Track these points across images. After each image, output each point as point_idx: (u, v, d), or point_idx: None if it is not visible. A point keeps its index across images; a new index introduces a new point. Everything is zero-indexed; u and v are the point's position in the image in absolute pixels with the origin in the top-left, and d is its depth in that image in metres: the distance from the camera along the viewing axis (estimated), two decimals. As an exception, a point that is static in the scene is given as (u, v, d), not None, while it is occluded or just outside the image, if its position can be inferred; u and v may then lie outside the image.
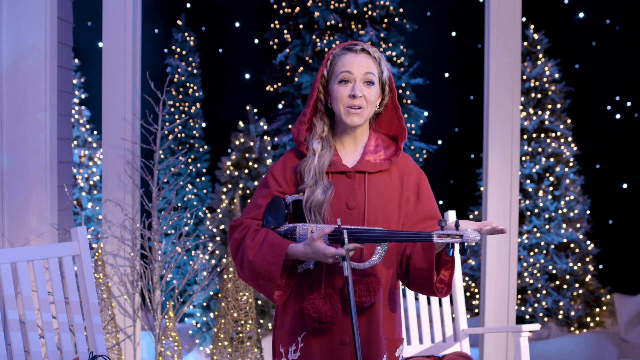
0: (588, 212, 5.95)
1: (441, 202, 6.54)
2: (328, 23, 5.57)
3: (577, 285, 5.55)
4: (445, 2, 6.61)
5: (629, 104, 6.21)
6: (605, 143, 6.28)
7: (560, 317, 5.47)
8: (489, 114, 3.76)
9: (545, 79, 5.73)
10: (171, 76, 6.34)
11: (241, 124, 5.04)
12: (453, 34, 6.67)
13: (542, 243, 5.56)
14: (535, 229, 5.55)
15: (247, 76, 6.65)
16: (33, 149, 3.34)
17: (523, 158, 5.65)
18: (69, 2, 3.64)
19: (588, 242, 5.81)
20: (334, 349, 2.02)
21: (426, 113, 6.03)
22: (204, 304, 5.07)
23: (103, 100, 3.69)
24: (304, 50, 5.68)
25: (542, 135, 5.69)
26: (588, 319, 5.52)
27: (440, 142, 6.67)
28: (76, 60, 6.37)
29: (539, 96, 5.73)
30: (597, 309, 5.63)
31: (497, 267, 3.77)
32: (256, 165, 5.01)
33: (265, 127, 5.06)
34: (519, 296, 5.51)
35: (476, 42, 6.48)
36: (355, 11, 5.67)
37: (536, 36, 5.77)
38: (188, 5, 6.68)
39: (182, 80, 6.36)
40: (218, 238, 4.89)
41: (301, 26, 5.75)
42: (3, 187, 3.33)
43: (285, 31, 5.84)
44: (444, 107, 6.66)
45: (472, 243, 1.79)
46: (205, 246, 4.92)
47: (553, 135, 5.69)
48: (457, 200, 6.51)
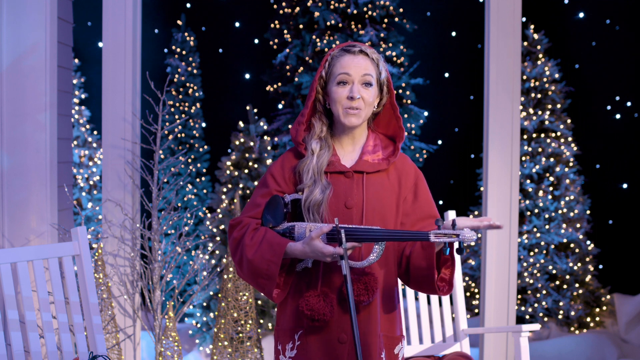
0: (588, 212, 5.95)
1: (441, 202, 6.53)
2: (328, 23, 5.56)
3: (577, 285, 5.55)
4: (445, 2, 6.61)
5: (629, 104, 6.21)
6: (605, 143, 6.28)
7: (560, 317, 5.46)
8: (489, 114, 3.76)
9: (545, 79, 5.73)
10: (171, 76, 6.34)
11: (241, 124, 5.04)
12: (453, 34, 6.67)
13: (542, 243, 5.56)
14: (535, 229, 5.55)
15: (247, 76, 6.65)
16: (33, 149, 3.34)
17: (523, 158, 5.65)
18: (69, 2, 3.64)
19: (588, 242, 5.81)
20: (331, 348, 2.03)
21: (426, 113, 6.03)
22: (204, 304, 5.07)
23: (103, 100, 3.69)
24: (304, 50, 5.68)
25: (542, 135, 5.69)
26: (588, 319, 5.52)
27: (440, 142, 6.67)
28: (76, 60, 6.37)
29: (539, 96, 5.73)
30: (597, 309, 5.63)
31: (497, 267, 3.77)
32: (256, 165, 5.01)
33: (265, 127, 5.06)
34: (519, 296, 5.51)
35: (476, 42, 6.48)
36: (355, 11, 5.67)
37: (536, 36, 5.77)
38: (188, 5, 6.68)
39: (182, 80, 6.36)
40: (218, 238, 4.89)
41: (301, 26, 5.74)
42: (3, 187, 3.33)
43: (285, 31, 5.84)
44: (444, 107, 6.66)
45: (469, 242, 1.80)
46: (205, 246, 4.92)
47: (553, 135, 5.69)
48: (457, 200, 6.51)
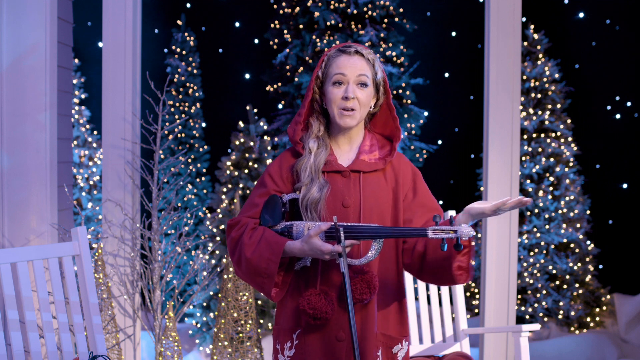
0: (588, 212, 5.95)
1: (441, 202, 6.53)
2: (328, 23, 5.56)
3: (577, 285, 5.55)
4: (445, 2, 6.61)
5: (629, 104, 6.21)
6: (605, 143, 6.28)
7: (560, 317, 5.46)
8: (489, 114, 3.76)
9: (545, 79, 5.73)
10: (171, 76, 6.34)
11: (241, 124, 5.04)
12: (453, 34, 6.67)
13: (542, 243, 5.56)
14: (535, 229, 5.55)
15: (247, 76, 6.64)
16: (33, 149, 3.34)
17: (523, 158, 5.65)
18: (69, 2, 3.64)
19: (588, 242, 5.81)
20: (329, 346, 2.03)
21: (426, 113, 6.03)
22: (204, 304, 5.06)
23: (103, 100, 3.69)
24: (304, 50, 5.68)
25: (542, 135, 5.69)
26: (588, 319, 5.52)
27: (440, 142, 6.67)
28: (76, 60, 6.37)
29: (539, 96, 5.73)
30: (597, 309, 5.63)
31: (497, 267, 3.77)
32: (256, 165, 5.01)
33: (265, 127, 5.06)
34: (519, 296, 5.51)
35: (476, 42, 6.48)
36: (355, 11, 5.67)
37: (536, 36, 5.77)
38: (188, 5, 6.68)
39: (182, 80, 6.36)
40: (218, 238, 4.89)
41: (301, 26, 5.74)
42: (3, 187, 3.33)
43: (285, 31, 5.84)
44: (444, 107, 6.66)
45: (466, 238, 1.81)
46: (205, 246, 4.92)
47: (553, 135, 5.69)
48: (457, 200, 6.51)
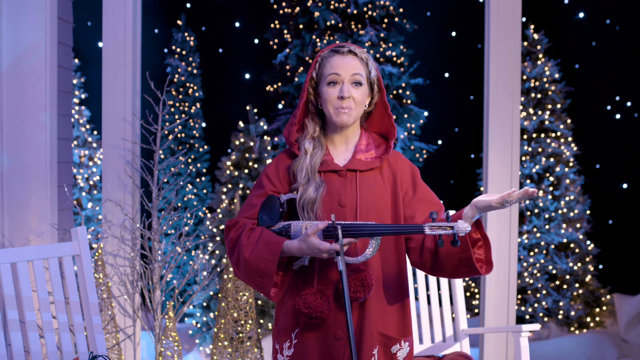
0: (588, 212, 5.95)
1: (441, 202, 6.53)
2: (328, 23, 5.56)
3: (577, 285, 5.55)
4: (445, 2, 6.61)
5: (629, 104, 6.21)
6: (605, 143, 6.28)
7: (560, 317, 5.46)
8: (489, 114, 3.76)
9: (545, 79, 5.73)
10: (171, 76, 6.34)
11: (241, 124, 5.04)
12: (453, 34, 6.67)
13: (542, 243, 5.56)
14: (535, 229, 5.55)
15: (247, 76, 6.64)
16: (33, 149, 3.34)
17: (523, 158, 5.65)
18: (69, 2, 3.64)
19: (588, 242, 5.81)
20: (328, 344, 2.04)
21: (426, 113, 6.03)
22: (204, 304, 5.06)
23: (103, 100, 3.69)
24: (304, 50, 5.68)
25: (542, 135, 5.69)
26: (588, 319, 5.52)
27: (440, 142, 6.67)
28: (76, 60, 6.37)
29: (539, 96, 5.73)
30: (597, 309, 5.62)
31: (497, 267, 3.77)
32: (256, 165, 5.01)
33: (265, 127, 5.06)
34: (519, 296, 5.51)
35: (476, 42, 6.48)
36: (355, 11, 5.67)
37: (536, 36, 5.77)
38: (188, 5, 6.68)
39: (182, 80, 6.36)
40: (218, 238, 4.89)
41: (301, 26, 5.74)
42: (3, 187, 3.33)
43: (285, 31, 5.84)
44: (444, 107, 6.66)
45: (462, 234, 1.82)
46: (205, 246, 4.92)
47: (553, 135, 5.69)
48: (457, 200, 6.51)
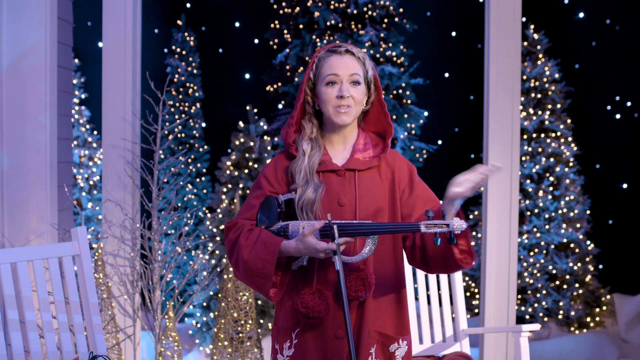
0: (588, 212, 5.95)
1: (441, 202, 6.53)
2: (328, 23, 5.56)
3: (577, 285, 5.55)
4: (445, 2, 6.61)
5: (629, 104, 6.21)
6: (605, 143, 6.28)
7: (560, 317, 5.46)
8: (489, 114, 3.76)
9: (545, 79, 5.73)
10: (171, 76, 6.34)
11: (241, 124, 5.04)
12: (453, 34, 6.67)
13: (542, 243, 5.56)
14: (535, 229, 5.55)
15: (247, 76, 6.64)
16: (33, 149, 3.34)
17: (523, 158, 5.65)
18: (69, 2, 3.64)
19: (588, 242, 5.81)
20: (328, 344, 2.04)
21: (426, 113, 6.03)
22: (204, 304, 5.06)
23: (103, 100, 3.69)
24: (304, 50, 5.68)
25: (542, 135, 5.69)
26: (588, 319, 5.52)
27: (440, 142, 6.67)
28: (76, 60, 6.37)
29: (539, 96, 5.73)
30: (597, 309, 5.62)
31: (497, 267, 3.77)
32: (256, 165, 5.01)
33: (265, 127, 5.06)
34: (519, 296, 5.51)
35: (476, 42, 6.48)
36: (355, 11, 5.66)
37: (536, 36, 5.77)
38: (188, 5, 6.68)
39: (182, 80, 6.36)
40: (218, 238, 4.89)
41: (301, 26, 5.74)
42: (3, 187, 3.33)
43: (285, 31, 5.84)
44: (444, 107, 6.66)
45: (459, 231, 1.83)
46: (205, 246, 4.92)
47: (553, 135, 5.69)
48: (457, 200, 6.50)
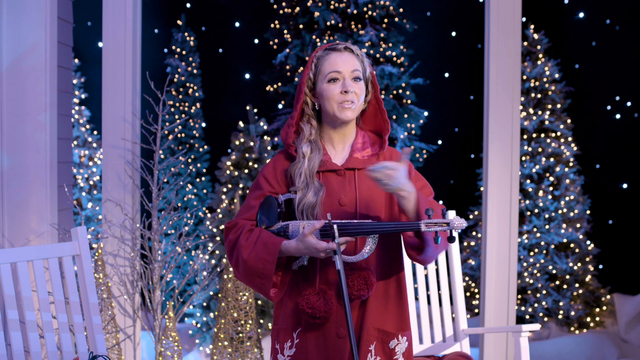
0: (588, 212, 5.95)
1: (441, 202, 6.53)
2: (328, 23, 5.56)
3: (577, 285, 5.55)
4: (445, 2, 6.61)
5: (629, 104, 6.21)
6: (605, 143, 6.28)
7: (560, 317, 5.46)
8: (489, 114, 3.76)
9: (545, 79, 5.73)
10: (171, 76, 6.34)
11: (241, 124, 5.04)
12: (453, 34, 6.67)
13: (542, 243, 5.56)
14: (535, 229, 5.55)
15: (247, 76, 6.64)
16: (33, 149, 3.34)
17: (523, 158, 5.65)
18: (69, 2, 3.64)
19: (588, 242, 5.81)
20: (330, 343, 2.04)
21: (426, 113, 6.03)
22: (204, 304, 5.06)
23: (103, 100, 3.69)
24: (304, 50, 5.68)
25: (542, 135, 5.69)
26: (588, 319, 5.52)
27: (440, 142, 6.67)
28: (76, 60, 6.37)
29: (539, 96, 5.73)
30: (597, 309, 5.62)
31: (497, 267, 3.77)
32: (256, 165, 5.01)
33: (265, 127, 5.06)
34: (519, 296, 5.51)
35: (476, 42, 6.48)
36: (355, 11, 5.66)
37: (536, 36, 5.77)
38: (188, 5, 6.68)
39: (182, 80, 6.36)
40: (218, 238, 4.89)
41: (301, 26, 5.74)
42: (3, 187, 3.33)
43: (285, 31, 5.84)
44: (444, 107, 6.66)
45: (459, 230, 1.84)
46: (205, 246, 4.92)
47: (553, 135, 5.69)
48: (457, 200, 6.51)
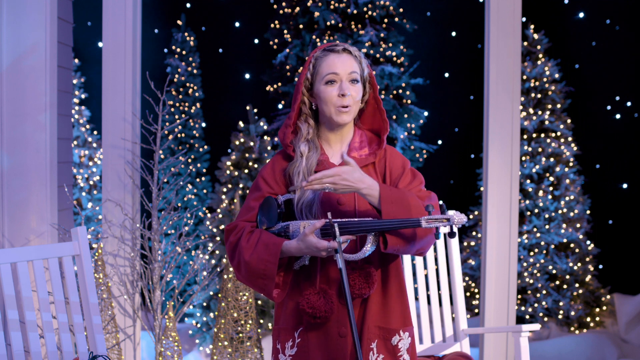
0: (588, 212, 5.95)
1: (441, 202, 6.52)
2: (328, 23, 5.56)
3: (577, 285, 5.55)
4: (445, 2, 6.61)
5: (629, 104, 6.21)
6: (605, 143, 6.28)
7: (560, 317, 5.46)
8: (489, 114, 3.76)
9: (545, 79, 5.73)
10: (171, 76, 6.34)
11: (241, 124, 5.04)
12: (453, 34, 6.67)
13: (542, 243, 5.56)
14: (535, 229, 5.55)
15: (247, 76, 6.64)
16: (33, 149, 3.34)
17: (523, 158, 5.65)
18: (69, 2, 3.64)
19: (588, 242, 5.81)
20: (332, 342, 2.04)
21: (426, 113, 6.03)
22: (204, 304, 5.06)
23: (103, 100, 3.69)
24: (304, 50, 5.68)
25: (542, 135, 5.69)
26: (588, 319, 5.52)
27: (440, 142, 6.67)
28: (76, 60, 6.37)
29: (539, 96, 5.73)
30: (597, 309, 5.62)
31: (497, 267, 3.77)
32: (256, 165, 5.01)
33: (265, 127, 5.06)
34: (519, 296, 5.51)
35: (476, 42, 6.48)
36: (355, 11, 5.66)
37: (536, 36, 5.77)
38: (188, 5, 6.68)
39: (182, 80, 6.36)
40: (218, 238, 4.89)
41: (301, 26, 5.74)
42: (3, 187, 3.33)
43: (285, 31, 5.84)
44: (444, 107, 6.66)
45: (459, 225, 1.84)
46: (205, 246, 4.92)
47: (553, 135, 5.69)
48: (457, 200, 6.51)
